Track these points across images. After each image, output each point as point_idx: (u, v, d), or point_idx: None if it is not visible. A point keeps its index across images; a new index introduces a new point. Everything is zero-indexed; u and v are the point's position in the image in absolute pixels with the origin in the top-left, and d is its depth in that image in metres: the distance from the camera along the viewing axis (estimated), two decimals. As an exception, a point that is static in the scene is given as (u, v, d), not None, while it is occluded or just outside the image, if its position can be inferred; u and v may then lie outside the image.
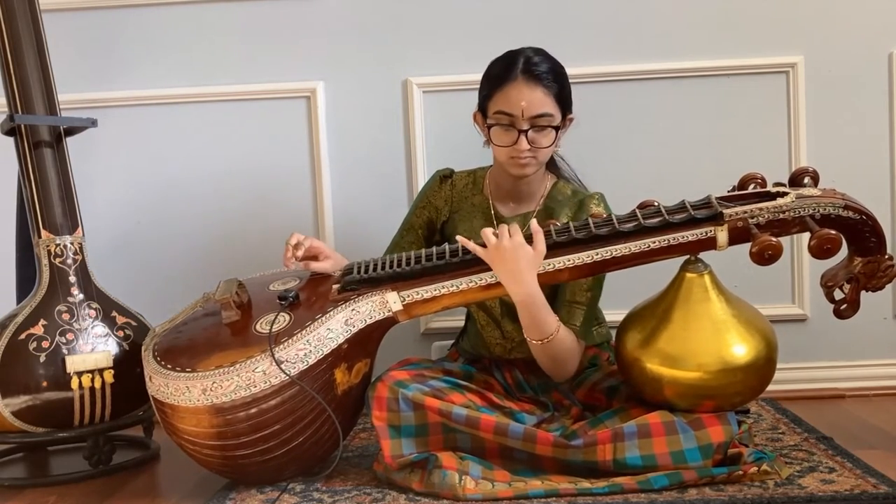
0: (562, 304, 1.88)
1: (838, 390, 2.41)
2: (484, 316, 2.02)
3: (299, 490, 1.75)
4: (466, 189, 2.06)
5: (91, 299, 2.06)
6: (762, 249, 1.65)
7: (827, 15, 2.41)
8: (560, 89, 1.88)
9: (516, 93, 1.85)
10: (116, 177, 2.51)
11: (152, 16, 2.48)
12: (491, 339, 2.02)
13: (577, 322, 1.87)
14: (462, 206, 2.05)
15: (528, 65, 1.87)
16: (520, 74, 1.86)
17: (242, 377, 1.68)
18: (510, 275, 1.74)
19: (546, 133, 1.88)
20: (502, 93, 1.87)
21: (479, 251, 1.75)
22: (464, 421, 1.71)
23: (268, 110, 2.50)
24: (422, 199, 2.09)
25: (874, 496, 1.55)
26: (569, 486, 1.64)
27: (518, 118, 1.85)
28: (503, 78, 1.87)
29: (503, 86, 1.87)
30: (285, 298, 1.81)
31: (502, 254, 1.72)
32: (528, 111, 1.85)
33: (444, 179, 2.08)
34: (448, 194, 2.07)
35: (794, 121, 2.42)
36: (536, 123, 1.86)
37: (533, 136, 1.87)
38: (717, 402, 1.72)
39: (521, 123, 1.86)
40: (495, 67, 1.92)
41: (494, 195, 2.03)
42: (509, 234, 1.73)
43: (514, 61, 1.88)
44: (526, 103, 1.84)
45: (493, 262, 1.74)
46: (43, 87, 2.09)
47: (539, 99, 1.85)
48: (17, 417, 1.93)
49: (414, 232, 2.08)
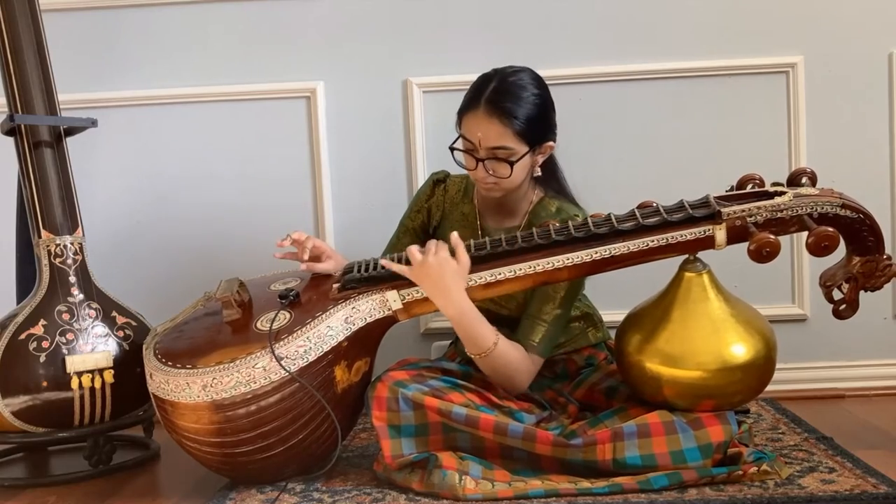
0: (525, 317, 1.86)
1: (838, 390, 2.41)
2: None
3: (299, 490, 1.75)
4: (458, 195, 2.05)
5: (91, 299, 2.06)
6: (760, 247, 1.65)
7: (827, 15, 2.41)
8: (524, 125, 1.82)
9: (475, 123, 1.83)
10: (116, 177, 2.52)
11: (152, 16, 2.49)
12: None
13: (535, 338, 1.84)
14: (452, 213, 2.05)
15: (494, 94, 1.82)
16: (483, 104, 1.82)
17: (242, 373, 1.68)
18: (437, 291, 1.73)
19: (503, 165, 1.85)
20: (466, 118, 1.86)
21: (404, 270, 1.74)
22: (463, 420, 1.71)
23: (268, 110, 2.50)
24: (416, 202, 2.09)
25: (874, 496, 1.55)
26: (569, 486, 1.64)
27: (476, 147, 1.84)
28: (469, 103, 1.86)
29: (467, 111, 1.86)
30: (286, 297, 1.82)
31: (427, 270, 1.71)
32: (485, 143, 1.83)
33: (437, 183, 2.07)
34: (440, 199, 2.06)
35: (794, 121, 2.42)
36: (494, 155, 1.84)
37: (491, 166, 1.85)
38: (716, 401, 1.72)
39: (479, 152, 1.84)
40: (471, 88, 1.89)
41: (481, 206, 2.02)
42: (434, 250, 1.72)
43: (483, 88, 1.85)
44: (482, 135, 1.82)
45: (420, 280, 1.73)
46: (43, 87, 2.09)
47: (496, 133, 1.82)
48: (17, 417, 1.93)
49: (410, 234, 2.08)
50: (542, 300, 1.86)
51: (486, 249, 1.78)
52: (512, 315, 1.94)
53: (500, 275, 1.77)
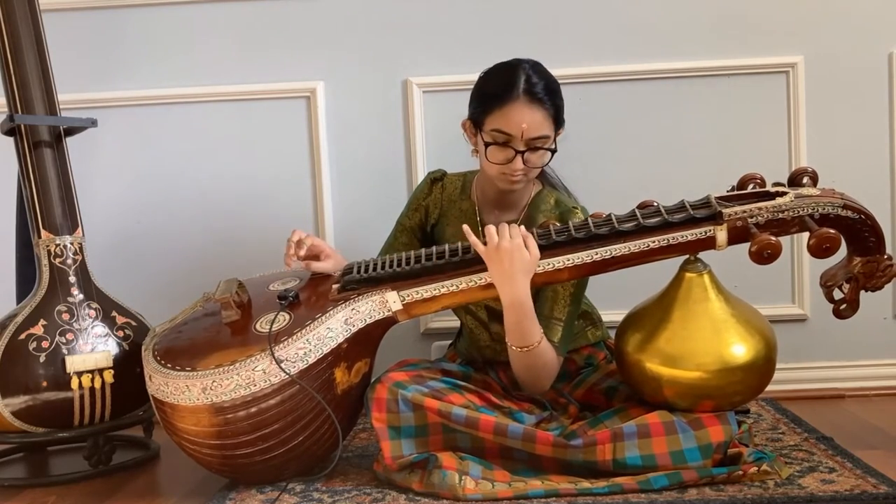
0: (540, 319, 1.84)
1: (838, 390, 2.41)
2: (471, 319, 2.02)
3: (299, 490, 1.75)
4: (455, 193, 2.05)
5: (91, 299, 2.06)
6: (761, 248, 1.65)
7: (827, 15, 2.41)
8: (556, 110, 1.86)
9: (517, 114, 1.82)
10: (116, 177, 2.52)
11: (152, 16, 2.48)
12: (480, 342, 2.02)
13: (556, 338, 1.84)
14: (450, 210, 2.04)
15: (528, 84, 1.83)
16: (521, 95, 1.82)
17: (242, 376, 1.68)
18: (504, 276, 1.73)
19: (541, 154, 1.86)
20: (501, 112, 1.83)
21: (480, 247, 1.74)
22: (463, 421, 1.71)
23: (268, 110, 2.50)
24: (413, 201, 2.09)
25: (874, 496, 1.55)
26: (569, 487, 1.64)
27: (516, 139, 1.83)
28: (503, 96, 1.83)
29: (503, 105, 1.83)
30: (285, 298, 1.81)
31: (500, 254, 1.71)
32: (528, 133, 1.82)
33: (434, 182, 2.07)
34: (438, 197, 2.06)
35: (794, 121, 2.42)
36: (533, 145, 1.84)
37: (528, 157, 1.85)
38: (716, 401, 1.72)
39: (518, 144, 1.83)
40: (493, 81, 1.88)
41: (480, 201, 2.02)
42: (510, 234, 1.73)
43: (514, 79, 1.84)
44: (527, 125, 1.82)
45: (491, 261, 1.73)
46: (43, 87, 2.09)
47: (539, 121, 1.83)
48: (17, 417, 1.93)
49: (407, 233, 2.08)
50: (553, 300, 1.86)
51: None
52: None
53: (501, 275, 1.77)
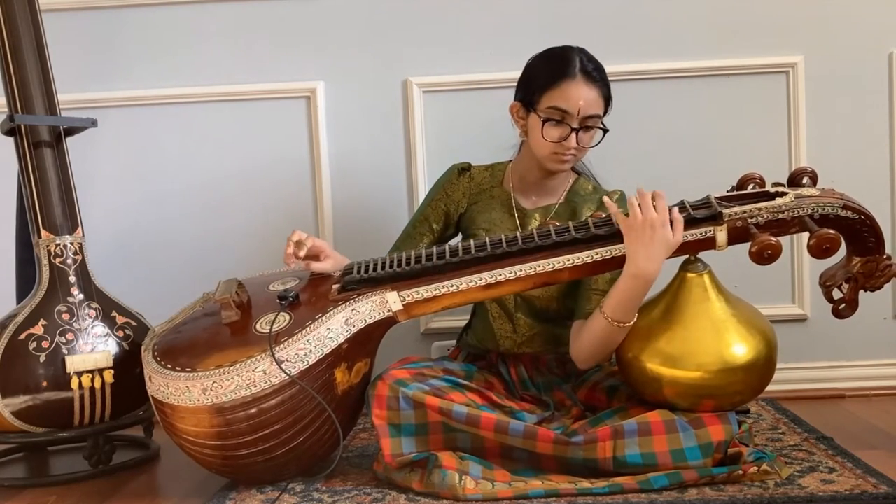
0: (590, 293, 1.89)
1: (838, 390, 2.41)
2: (497, 308, 2.01)
3: (299, 490, 1.75)
4: (485, 181, 2.07)
5: (91, 299, 2.06)
6: (761, 249, 1.65)
7: (827, 15, 2.41)
8: (608, 90, 1.94)
9: (575, 91, 1.88)
10: (116, 177, 2.51)
11: (152, 16, 2.48)
12: (501, 332, 2.01)
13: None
14: (481, 198, 2.06)
15: (583, 65, 1.90)
16: (579, 73, 1.89)
17: (242, 377, 1.68)
18: (642, 250, 1.69)
19: (593, 133, 1.93)
20: (559, 89, 1.89)
21: (621, 217, 1.72)
22: (464, 419, 1.70)
23: (268, 110, 2.50)
24: (438, 190, 2.09)
25: (874, 496, 1.55)
26: (569, 486, 1.64)
27: (573, 116, 1.88)
28: (560, 74, 1.89)
29: (561, 82, 1.89)
30: (285, 298, 1.81)
31: (644, 228, 1.69)
32: (585, 111, 1.88)
33: (462, 172, 2.08)
34: (466, 186, 2.07)
35: (794, 121, 2.42)
36: (586, 123, 1.90)
37: (581, 136, 1.91)
38: (717, 401, 1.72)
39: (573, 121, 1.89)
40: (549, 62, 1.93)
41: (517, 188, 2.04)
42: (657, 209, 1.69)
43: (570, 59, 1.91)
44: (584, 102, 1.88)
45: (634, 233, 1.69)
46: (43, 87, 2.09)
47: (595, 99, 1.90)
48: (17, 417, 1.93)
49: (427, 224, 2.08)
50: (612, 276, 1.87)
51: (487, 250, 1.78)
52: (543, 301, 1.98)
53: (501, 276, 1.77)
